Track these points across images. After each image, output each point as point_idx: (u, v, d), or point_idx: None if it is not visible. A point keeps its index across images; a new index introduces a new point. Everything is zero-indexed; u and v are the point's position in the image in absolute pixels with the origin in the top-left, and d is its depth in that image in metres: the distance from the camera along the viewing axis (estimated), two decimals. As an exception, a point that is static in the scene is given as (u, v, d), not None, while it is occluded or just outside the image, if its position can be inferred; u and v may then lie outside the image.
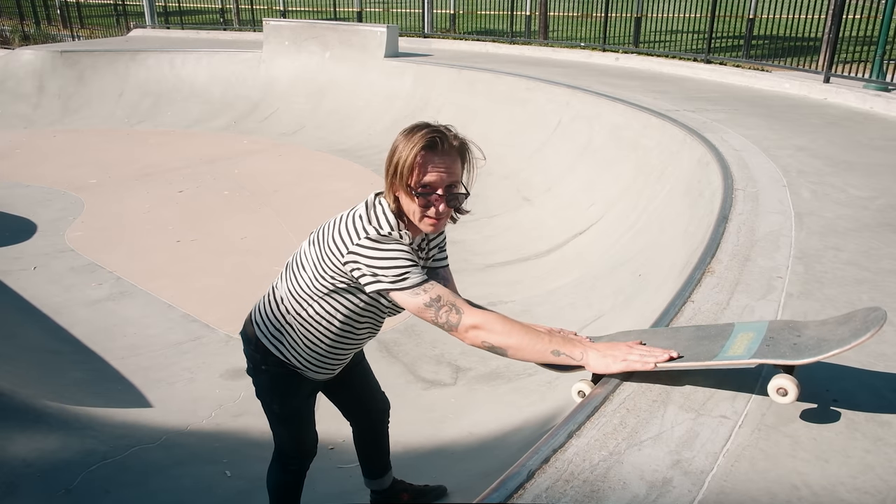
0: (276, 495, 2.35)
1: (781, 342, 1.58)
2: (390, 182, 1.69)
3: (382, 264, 1.65)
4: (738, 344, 1.61)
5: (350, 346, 2.02)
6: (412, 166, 1.63)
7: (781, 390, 1.50)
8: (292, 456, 2.28)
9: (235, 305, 4.88)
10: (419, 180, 1.64)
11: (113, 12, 18.45)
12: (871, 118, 5.91)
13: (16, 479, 2.78)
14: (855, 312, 1.64)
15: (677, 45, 10.65)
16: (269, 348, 2.00)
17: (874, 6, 7.76)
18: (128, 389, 3.87)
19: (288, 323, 1.94)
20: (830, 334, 1.56)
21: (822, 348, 1.49)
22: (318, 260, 1.78)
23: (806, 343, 1.56)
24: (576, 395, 1.74)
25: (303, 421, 2.21)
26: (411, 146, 1.63)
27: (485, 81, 8.84)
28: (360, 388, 2.40)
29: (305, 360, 1.99)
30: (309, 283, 1.83)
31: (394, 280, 1.65)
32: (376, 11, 15.14)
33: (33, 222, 6.56)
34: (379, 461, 2.56)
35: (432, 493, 2.68)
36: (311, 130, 9.92)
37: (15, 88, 11.41)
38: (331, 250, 1.73)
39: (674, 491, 1.33)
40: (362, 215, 1.73)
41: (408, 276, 1.65)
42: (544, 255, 5.53)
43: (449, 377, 3.97)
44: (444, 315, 1.65)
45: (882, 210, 3.28)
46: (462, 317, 1.65)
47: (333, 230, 1.76)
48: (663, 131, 5.61)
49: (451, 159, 1.67)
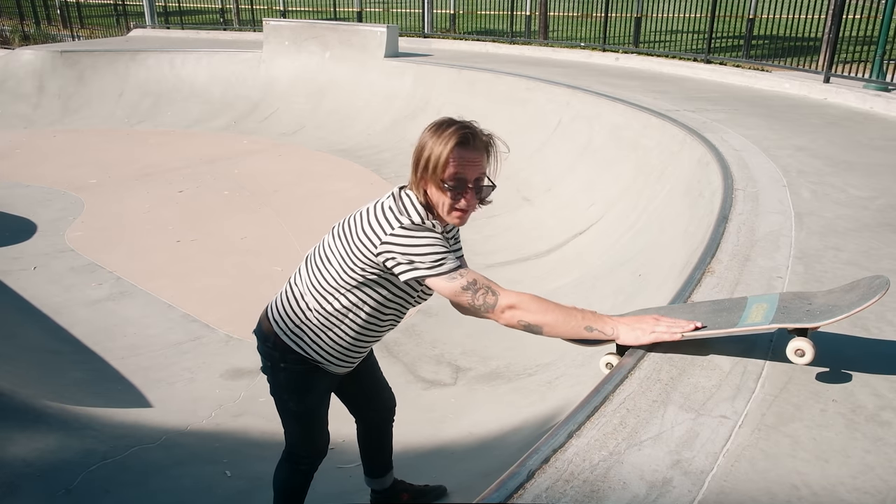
0: (282, 495, 2.35)
1: (794, 310, 1.71)
2: (420, 176, 1.75)
3: (419, 251, 1.71)
4: (755, 313, 1.73)
5: (373, 338, 2.05)
6: (445, 162, 1.70)
7: (799, 351, 1.63)
8: (304, 455, 2.28)
9: (235, 305, 4.88)
10: (452, 174, 1.72)
11: (113, 12, 18.45)
12: (871, 118, 5.91)
13: (16, 479, 2.78)
14: (858, 281, 1.76)
15: (677, 45, 10.65)
16: (290, 345, 2.01)
17: (874, 6, 7.76)
18: (128, 389, 3.87)
19: (309, 319, 1.96)
20: (839, 300, 1.69)
21: (834, 312, 1.61)
22: (346, 252, 1.82)
23: (818, 309, 1.68)
24: (604, 367, 1.83)
25: (318, 419, 2.22)
26: (444, 142, 1.71)
27: (485, 81, 8.84)
28: (369, 383, 2.41)
29: (328, 353, 2.01)
30: (336, 277, 1.86)
31: (431, 266, 1.72)
32: (376, 11, 15.14)
33: (33, 222, 6.56)
34: (381, 460, 2.57)
35: (432, 493, 2.69)
36: (311, 130, 9.92)
37: (15, 88, 11.40)
38: (362, 242, 1.77)
39: (674, 491, 1.33)
40: (392, 207, 1.78)
41: (444, 261, 1.72)
42: (544, 255, 5.53)
43: (449, 377, 3.97)
44: (482, 297, 1.73)
45: (882, 210, 3.28)
46: (499, 298, 1.72)
47: (363, 222, 1.80)
48: (663, 131, 5.61)
49: (480, 154, 1.76)
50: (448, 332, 4.41)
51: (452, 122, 1.75)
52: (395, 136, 9.18)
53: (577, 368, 3.60)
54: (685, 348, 1.82)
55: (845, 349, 1.89)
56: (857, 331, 1.99)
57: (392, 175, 7.96)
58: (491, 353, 4.21)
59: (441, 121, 1.77)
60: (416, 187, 1.78)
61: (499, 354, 4.19)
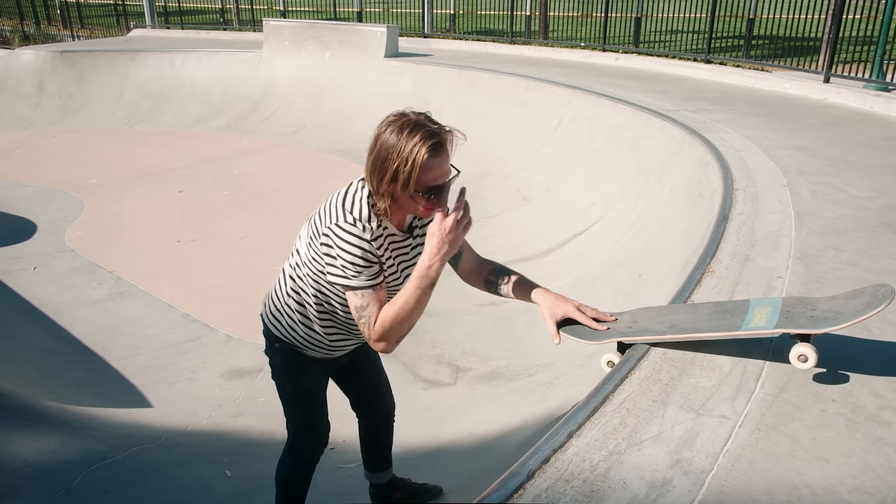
0: (283, 489, 2.36)
1: (798, 315, 1.72)
2: (386, 186, 1.66)
3: (343, 256, 1.71)
4: (757, 317, 1.74)
5: (344, 333, 2.04)
6: (417, 176, 1.61)
7: (802, 357, 1.66)
8: (305, 442, 2.30)
9: (235, 305, 4.88)
10: (426, 186, 1.64)
11: (113, 12, 18.45)
12: (871, 118, 5.91)
13: (16, 479, 2.78)
14: (862, 289, 1.77)
15: (677, 45, 10.65)
16: (271, 328, 2.08)
17: (874, 6, 7.76)
18: (128, 389, 3.87)
19: (286, 303, 2.01)
20: (843, 307, 1.70)
21: (838, 320, 1.64)
22: (310, 239, 1.82)
23: (822, 315, 1.70)
24: (605, 365, 1.86)
25: (315, 403, 2.24)
26: (412, 154, 1.60)
27: (485, 81, 8.84)
28: (370, 383, 2.44)
29: (303, 339, 2.03)
30: (303, 263, 1.89)
31: (343, 275, 1.73)
32: (376, 11, 15.14)
33: (33, 222, 6.56)
34: (379, 458, 2.59)
35: (427, 493, 2.70)
36: (311, 130, 9.92)
37: (15, 88, 11.40)
38: (317, 227, 1.78)
39: (674, 491, 1.33)
40: (341, 201, 1.76)
41: (357, 276, 1.72)
42: (544, 255, 5.53)
43: (449, 377, 3.97)
44: (363, 324, 1.76)
45: (882, 210, 3.28)
46: (371, 332, 1.76)
47: (321, 209, 1.80)
48: (663, 131, 5.61)
49: (447, 156, 1.68)
50: (448, 332, 4.41)
51: (416, 126, 1.62)
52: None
53: (577, 368, 3.60)
54: (686, 347, 1.83)
55: (845, 349, 1.89)
56: (857, 331, 1.98)
57: (392, 175, 7.96)
58: (491, 353, 4.21)
59: (401, 121, 1.65)
60: (377, 193, 1.70)
61: (499, 354, 4.19)
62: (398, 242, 1.84)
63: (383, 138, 1.66)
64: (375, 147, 1.68)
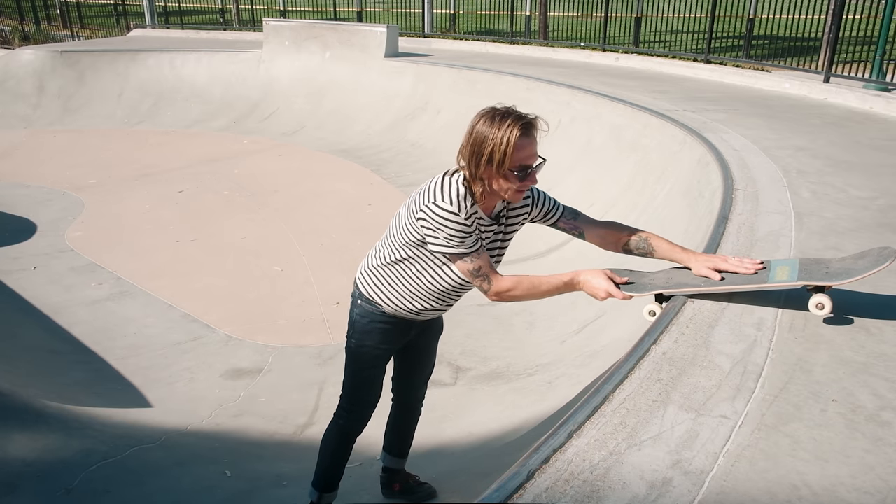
0: (324, 449, 2.47)
1: (815, 271, 1.99)
2: (483, 169, 1.88)
3: (445, 231, 1.92)
4: (780, 273, 2.01)
5: (426, 299, 2.16)
6: (511, 154, 1.84)
7: (820, 304, 1.92)
8: (345, 406, 2.43)
9: (235, 305, 4.88)
10: (518, 164, 1.86)
11: (113, 12, 18.45)
12: (871, 118, 5.91)
13: (16, 479, 2.78)
14: (869, 250, 2.02)
15: (677, 45, 10.65)
16: (360, 283, 2.24)
17: (874, 6, 7.75)
18: (128, 389, 3.87)
19: (379, 265, 2.18)
20: (853, 265, 1.95)
21: (851, 274, 1.89)
22: (408, 212, 2.02)
23: (836, 271, 1.95)
24: (647, 314, 2.08)
25: (369, 367, 2.34)
26: (505, 135, 1.83)
27: (485, 81, 8.84)
28: (419, 360, 2.55)
29: (388, 297, 2.18)
30: (399, 233, 2.07)
31: (447, 245, 1.95)
32: (376, 11, 15.14)
33: (33, 222, 6.56)
34: (398, 444, 2.69)
35: (423, 492, 2.73)
36: (311, 130, 9.92)
37: (15, 88, 11.40)
38: (414, 204, 1.98)
39: (674, 491, 1.33)
40: (438, 185, 1.95)
41: (461, 244, 1.94)
42: (544, 254, 5.53)
43: (449, 377, 3.97)
44: (479, 283, 2.02)
45: (882, 210, 3.28)
46: (491, 286, 2.02)
47: (420, 190, 2.00)
48: (663, 131, 5.61)
49: (535, 139, 1.91)
50: (448, 332, 4.37)
51: (507, 112, 1.87)
52: (395, 136, 9.18)
53: (577, 368, 3.60)
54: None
55: (845, 349, 1.89)
56: (857, 331, 1.99)
57: (392, 175, 7.96)
58: (491, 353, 4.21)
59: (492, 112, 1.89)
60: (474, 178, 1.91)
61: (499, 354, 4.19)
62: (485, 227, 2.06)
63: (478, 128, 1.89)
64: (471, 137, 1.90)
